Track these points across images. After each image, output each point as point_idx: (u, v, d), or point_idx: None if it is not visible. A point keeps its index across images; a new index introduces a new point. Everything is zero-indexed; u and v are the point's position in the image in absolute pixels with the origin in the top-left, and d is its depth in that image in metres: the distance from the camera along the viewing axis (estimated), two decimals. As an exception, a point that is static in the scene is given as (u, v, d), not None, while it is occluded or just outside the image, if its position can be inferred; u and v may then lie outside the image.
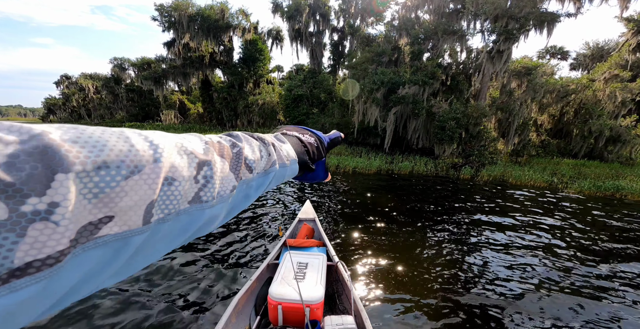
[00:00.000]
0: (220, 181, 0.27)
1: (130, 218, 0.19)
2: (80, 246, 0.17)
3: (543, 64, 15.67)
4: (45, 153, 0.15)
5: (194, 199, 0.24)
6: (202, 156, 0.25)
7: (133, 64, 30.84)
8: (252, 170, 0.32)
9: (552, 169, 11.52)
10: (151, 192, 0.20)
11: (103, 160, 0.18)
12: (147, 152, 0.21)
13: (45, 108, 52.46)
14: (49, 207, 0.15)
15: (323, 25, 21.87)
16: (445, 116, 12.01)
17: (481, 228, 5.12)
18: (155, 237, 0.22)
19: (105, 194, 0.17)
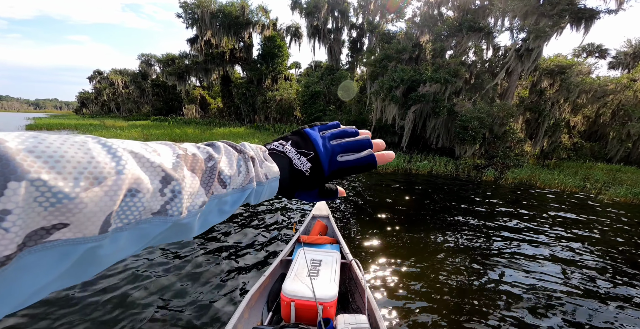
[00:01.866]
0: (188, 196, 0.26)
1: (86, 227, 0.18)
2: (27, 249, 0.16)
3: (579, 62, 14.64)
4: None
5: (160, 211, 0.23)
6: (170, 171, 0.24)
7: (159, 60, 32.06)
8: (227, 185, 0.31)
9: (584, 173, 10.77)
10: (112, 204, 0.19)
11: (58, 171, 0.17)
12: (109, 164, 0.20)
13: (79, 102, 55.90)
14: (1, 214, 0.15)
15: (342, 21, 21.61)
16: (468, 116, 11.52)
17: (503, 234, 4.85)
18: (113, 244, 0.21)
19: (63, 204, 0.17)
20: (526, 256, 4.05)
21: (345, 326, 1.73)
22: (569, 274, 3.61)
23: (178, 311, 2.57)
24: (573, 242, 4.64)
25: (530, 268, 3.69)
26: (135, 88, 38.98)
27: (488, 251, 4.11)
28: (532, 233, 4.93)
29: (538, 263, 3.85)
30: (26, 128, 21.38)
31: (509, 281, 3.36)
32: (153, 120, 29.21)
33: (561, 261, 3.95)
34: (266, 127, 21.96)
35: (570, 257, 4.11)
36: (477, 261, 3.78)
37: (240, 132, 18.36)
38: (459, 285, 3.18)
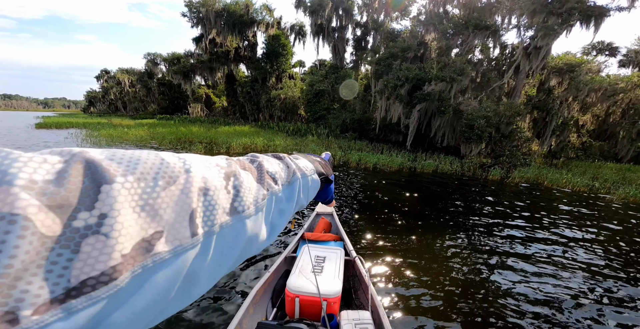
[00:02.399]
0: (249, 191, 0.27)
1: (178, 231, 0.19)
2: (138, 264, 0.17)
3: (588, 60, 14.36)
4: (89, 168, 0.16)
5: (231, 210, 0.24)
6: (226, 168, 0.26)
7: (164, 59, 32.34)
8: (277, 181, 0.33)
9: (593, 173, 10.57)
10: (189, 201, 0.20)
11: (140, 172, 0.18)
12: (178, 164, 0.21)
13: (87, 100, 56.74)
14: (99, 220, 0.15)
15: (346, 20, 21.50)
16: (474, 114, 11.40)
17: (509, 233, 4.80)
18: (207, 253, 0.22)
19: (150, 205, 0.18)
20: (533, 257, 4.00)
21: (349, 322, 1.74)
22: (577, 276, 3.56)
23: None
24: (581, 243, 4.57)
25: (537, 269, 3.65)
26: (141, 87, 39.42)
27: (494, 251, 4.07)
28: (539, 233, 4.87)
29: (546, 264, 3.80)
30: (36, 126, 21.78)
31: (515, 280, 3.33)
32: (159, 118, 29.51)
33: (569, 262, 3.89)
34: (270, 125, 22.02)
35: (578, 257, 4.05)
36: (482, 260, 3.75)
37: (245, 131, 18.45)
38: (462, 283, 3.16)
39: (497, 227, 4.99)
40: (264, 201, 0.29)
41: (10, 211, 0.13)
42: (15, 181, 0.13)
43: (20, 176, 0.14)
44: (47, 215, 0.14)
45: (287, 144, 13.64)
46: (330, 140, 16.13)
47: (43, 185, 0.14)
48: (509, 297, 2.99)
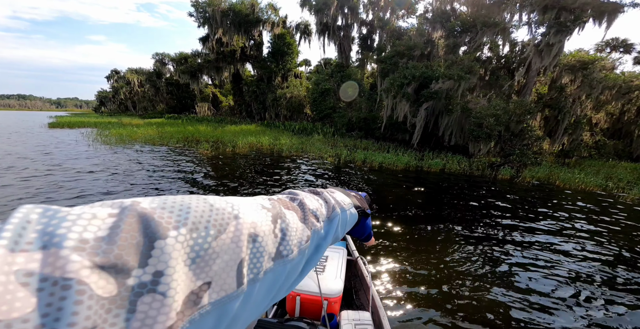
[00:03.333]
0: (295, 233, 0.26)
1: (225, 281, 0.18)
2: (187, 319, 0.16)
3: (602, 57, 13.92)
4: (141, 222, 0.16)
5: (276, 255, 0.23)
6: (272, 210, 0.25)
7: (172, 59, 32.78)
8: (318, 218, 0.32)
9: (607, 172, 10.26)
10: (239, 251, 0.20)
11: (192, 222, 0.18)
12: (227, 209, 0.20)
13: (98, 100, 58.01)
14: (154, 278, 0.15)
15: (351, 18, 21.35)
16: (483, 112, 11.18)
17: (518, 234, 4.69)
18: (249, 299, 0.21)
19: (201, 257, 0.17)
20: (543, 258, 3.89)
21: (349, 322, 1.72)
22: (589, 278, 3.45)
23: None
24: (594, 244, 4.43)
25: (547, 272, 3.55)
26: (150, 87, 40.06)
27: (501, 253, 3.98)
28: (550, 234, 4.74)
29: (556, 267, 3.70)
30: (49, 126, 22.37)
31: (522, 283, 3.24)
32: (167, 118, 29.94)
33: (581, 264, 3.78)
34: (276, 124, 22.10)
35: (591, 259, 3.92)
36: (489, 263, 3.67)
37: (251, 130, 18.55)
38: (467, 286, 3.09)
39: (507, 229, 4.88)
40: (307, 243, 0.28)
41: (63, 276, 0.12)
42: (65, 243, 0.13)
43: (69, 237, 0.13)
44: (100, 276, 0.13)
45: (292, 143, 13.65)
46: (336, 139, 16.08)
47: (94, 244, 0.14)
48: (517, 303, 2.91)
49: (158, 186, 6.21)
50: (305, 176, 7.84)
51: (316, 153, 11.82)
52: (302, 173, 8.20)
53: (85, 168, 7.64)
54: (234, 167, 8.58)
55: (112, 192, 5.67)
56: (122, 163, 8.50)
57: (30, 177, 6.49)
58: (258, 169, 8.44)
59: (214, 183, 6.69)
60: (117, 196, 5.42)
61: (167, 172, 7.54)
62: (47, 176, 6.64)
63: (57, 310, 0.11)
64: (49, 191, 5.48)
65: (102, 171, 7.44)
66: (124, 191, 5.77)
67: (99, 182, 6.27)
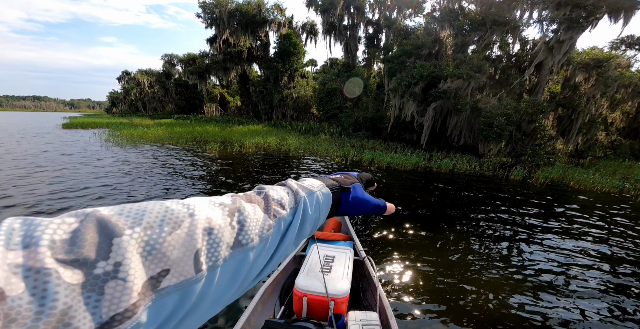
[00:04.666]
0: (255, 223, 0.30)
1: (183, 268, 0.22)
2: (148, 298, 0.20)
3: (617, 55, 13.50)
4: (99, 225, 0.19)
5: (235, 244, 0.27)
6: (230, 205, 0.29)
7: (181, 60, 33.27)
8: (284, 206, 0.35)
9: (624, 173, 9.91)
10: (194, 242, 0.23)
11: (147, 222, 0.21)
12: (182, 210, 0.24)
13: (109, 101, 59.37)
14: (115, 267, 0.18)
15: (358, 18, 21.25)
16: (493, 112, 10.95)
17: (531, 237, 4.56)
18: (211, 283, 0.25)
19: (157, 250, 0.21)
20: (559, 261, 3.77)
21: (356, 322, 1.70)
22: (607, 285, 3.33)
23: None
24: (612, 247, 4.28)
25: (563, 275, 3.44)
26: (159, 87, 40.78)
27: (514, 255, 3.88)
28: (563, 237, 4.60)
29: (570, 271, 3.58)
30: (63, 126, 23.01)
31: (535, 286, 3.15)
32: (176, 118, 30.41)
33: (599, 270, 3.65)
34: (283, 124, 22.17)
35: (611, 266, 3.79)
36: (500, 265, 3.58)
37: (258, 130, 18.67)
38: (477, 287, 3.02)
39: (519, 231, 4.76)
40: (270, 231, 0.31)
41: (40, 267, 0.16)
42: (40, 242, 0.17)
43: (43, 238, 0.17)
44: (66, 268, 0.17)
45: (299, 143, 13.66)
46: (342, 139, 16.03)
47: (60, 244, 0.18)
48: (528, 306, 2.83)
49: (172, 183, 6.30)
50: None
51: (323, 153, 11.80)
52: (310, 173, 8.19)
53: (99, 167, 7.83)
54: (241, 167, 8.64)
55: (134, 191, 5.78)
56: (133, 161, 8.67)
57: (60, 173, 6.69)
58: (265, 169, 8.47)
59: (222, 182, 6.75)
60: (138, 191, 5.53)
61: (178, 170, 7.65)
62: (66, 173, 6.83)
63: (42, 291, 0.16)
64: (87, 184, 5.64)
65: (117, 170, 7.60)
66: (145, 188, 5.87)
67: (121, 180, 6.41)
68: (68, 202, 5.01)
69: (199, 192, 5.90)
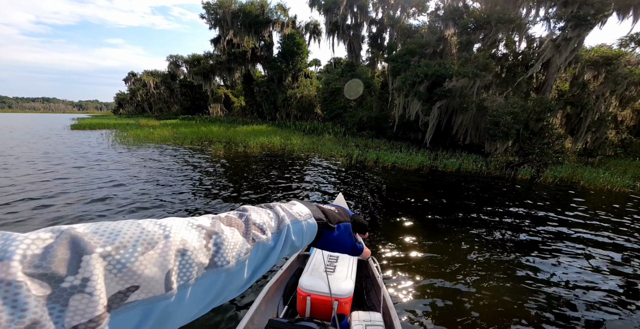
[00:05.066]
0: (232, 246, 0.30)
1: (153, 286, 0.23)
2: (113, 311, 0.21)
3: (626, 52, 13.23)
4: (72, 242, 0.21)
5: (210, 265, 0.28)
6: (209, 227, 0.30)
7: (185, 60, 33.56)
8: (265, 231, 0.36)
9: (635, 172, 9.69)
10: (167, 263, 0.24)
11: (120, 242, 0.22)
12: (158, 231, 0.25)
13: (116, 102, 60.20)
14: (82, 282, 0.19)
15: (361, 17, 21.18)
16: (500, 111, 10.80)
17: (540, 238, 4.48)
18: (182, 301, 0.25)
19: (127, 268, 0.22)
20: (570, 264, 3.69)
21: (360, 323, 1.68)
22: (621, 290, 3.24)
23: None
24: (626, 251, 4.17)
25: (569, 279, 3.37)
26: (165, 88, 41.22)
27: (522, 257, 3.81)
28: (573, 239, 4.50)
29: (581, 274, 3.50)
30: (71, 127, 23.40)
31: (542, 288, 3.08)
32: (182, 119, 30.70)
33: (613, 274, 3.56)
34: (287, 124, 22.21)
35: (626, 269, 3.69)
36: (508, 267, 3.51)
37: (262, 130, 18.73)
38: (484, 288, 2.97)
39: (528, 232, 4.67)
40: (247, 255, 0.32)
41: (10, 279, 0.17)
42: (13, 257, 0.18)
43: (16, 253, 0.19)
44: (33, 281, 0.18)
45: (303, 143, 13.67)
46: (347, 138, 15.99)
47: (31, 259, 0.19)
48: (535, 310, 2.77)
49: (175, 184, 6.36)
50: (316, 178, 7.83)
51: (327, 153, 11.78)
52: (314, 173, 8.18)
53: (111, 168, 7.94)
54: (246, 167, 8.67)
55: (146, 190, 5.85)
56: (137, 163, 8.76)
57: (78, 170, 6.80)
58: (270, 169, 8.49)
59: (227, 184, 6.78)
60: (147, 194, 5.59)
61: (182, 171, 7.71)
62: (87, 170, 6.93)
63: (12, 301, 0.17)
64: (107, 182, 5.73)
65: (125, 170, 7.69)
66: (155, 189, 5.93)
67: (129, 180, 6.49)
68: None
69: (199, 194, 5.93)
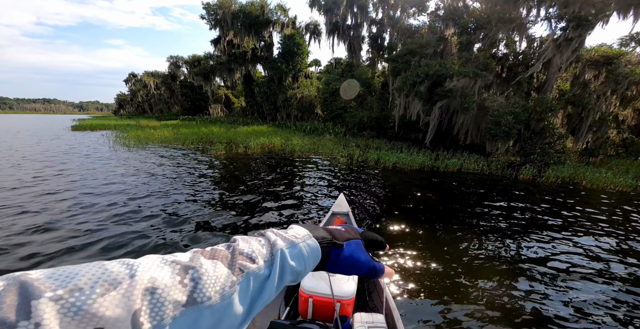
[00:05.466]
0: (214, 280, 0.29)
1: (119, 328, 0.21)
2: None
3: (627, 52, 13.23)
4: (20, 288, 0.20)
5: (189, 302, 0.26)
6: (185, 262, 0.28)
7: (186, 61, 33.60)
8: (255, 260, 0.33)
9: (637, 171, 9.66)
10: (131, 303, 0.23)
11: (74, 284, 0.22)
12: (123, 271, 0.24)
13: (117, 103, 60.29)
14: (36, 326, 0.19)
15: (361, 17, 21.19)
16: (501, 110, 10.79)
17: (542, 237, 4.46)
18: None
19: (84, 310, 0.21)
20: (572, 263, 3.67)
21: (362, 324, 1.67)
22: (621, 290, 3.22)
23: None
24: (628, 253, 4.15)
25: (571, 279, 3.35)
26: (165, 89, 41.25)
27: (526, 258, 3.78)
28: (576, 239, 4.48)
29: (584, 274, 3.48)
30: (72, 129, 23.43)
31: (545, 290, 3.06)
32: (182, 119, 30.73)
33: (612, 274, 3.54)
34: (288, 124, 22.21)
35: (625, 270, 3.67)
36: (511, 268, 3.50)
37: (263, 130, 18.73)
38: (486, 290, 2.95)
39: (529, 231, 4.65)
40: (234, 288, 0.30)
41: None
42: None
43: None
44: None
45: (304, 143, 13.66)
46: (347, 139, 15.98)
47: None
48: (539, 311, 2.75)
49: (175, 186, 6.35)
50: (317, 178, 7.82)
51: (328, 153, 11.77)
52: (315, 174, 8.17)
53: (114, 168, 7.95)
54: (247, 168, 8.66)
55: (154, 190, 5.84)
56: (138, 165, 8.76)
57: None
58: (271, 169, 8.48)
59: (227, 185, 6.77)
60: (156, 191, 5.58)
61: (185, 172, 7.71)
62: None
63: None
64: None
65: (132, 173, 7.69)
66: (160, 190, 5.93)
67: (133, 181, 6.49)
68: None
69: (201, 196, 5.92)
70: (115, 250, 3.45)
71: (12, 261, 3.11)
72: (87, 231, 3.90)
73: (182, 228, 4.13)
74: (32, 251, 3.32)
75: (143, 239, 3.75)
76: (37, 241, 3.59)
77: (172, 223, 4.29)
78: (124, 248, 3.51)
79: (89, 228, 3.99)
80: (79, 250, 3.41)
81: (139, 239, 3.73)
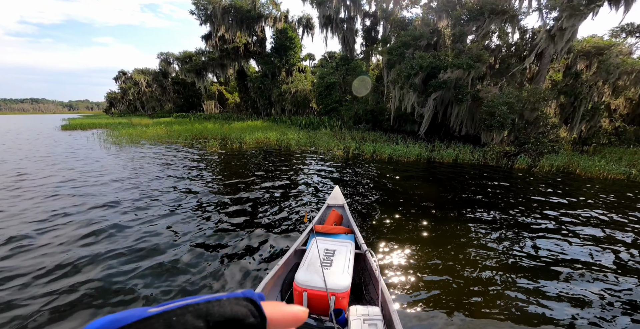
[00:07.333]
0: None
1: None
2: None
3: (618, 43, 13.34)
4: None
5: None
6: None
7: (177, 58, 32.92)
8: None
9: (630, 159, 9.79)
10: None
11: None
12: None
13: (108, 102, 59.04)
14: None
15: (354, 10, 20.88)
16: (495, 101, 10.80)
17: (538, 227, 4.48)
18: None
19: None
20: (570, 252, 3.70)
21: (358, 317, 1.64)
22: (618, 277, 3.25)
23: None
24: (625, 239, 4.20)
25: (570, 267, 3.37)
26: (157, 86, 40.51)
27: (521, 246, 3.80)
28: (573, 227, 4.52)
29: (579, 262, 3.51)
30: (61, 128, 22.92)
31: (539, 277, 3.08)
32: (175, 116, 30.23)
33: (611, 262, 3.58)
34: (283, 119, 22.02)
35: (625, 258, 3.71)
36: (506, 258, 3.51)
37: (258, 126, 18.56)
38: (481, 280, 2.96)
39: (525, 221, 4.68)
40: None
41: None
42: None
43: None
44: None
45: (300, 137, 13.56)
46: (343, 132, 15.90)
47: None
48: (533, 299, 2.77)
49: (164, 187, 6.26)
50: (314, 172, 7.76)
51: (324, 147, 11.71)
52: (311, 167, 8.12)
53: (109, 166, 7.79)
54: (243, 163, 8.57)
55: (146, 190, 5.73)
56: (127, 164, 8.61)
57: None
58: (267, 164, 8.40)
59: (225, 182, 6.69)
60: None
61: (177, 169, 7.60)
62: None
63: None
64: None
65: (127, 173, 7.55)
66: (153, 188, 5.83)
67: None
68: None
69: (194, 193, 5.84)
70: (116, 249, 3.38)
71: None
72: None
73: (175, 229, 4.07)
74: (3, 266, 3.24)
75: (140, 243, 3.69)
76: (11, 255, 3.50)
77: (167, 220, 4.22)
78: (125, 248, 3.45)
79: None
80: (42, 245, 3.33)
81: (139, 241, 3.67)
